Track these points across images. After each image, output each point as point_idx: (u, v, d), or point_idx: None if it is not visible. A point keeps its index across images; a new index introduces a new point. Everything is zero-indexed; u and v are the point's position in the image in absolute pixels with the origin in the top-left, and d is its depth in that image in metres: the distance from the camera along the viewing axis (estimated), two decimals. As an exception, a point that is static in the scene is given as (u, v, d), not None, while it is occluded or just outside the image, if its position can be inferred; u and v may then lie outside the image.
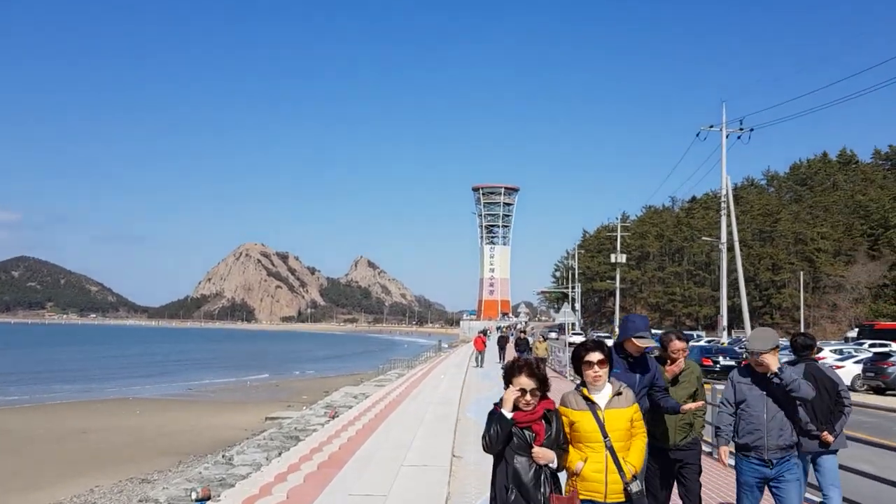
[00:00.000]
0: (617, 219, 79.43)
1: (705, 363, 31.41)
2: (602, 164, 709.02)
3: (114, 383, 53.08)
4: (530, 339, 35.57)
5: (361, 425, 13.79)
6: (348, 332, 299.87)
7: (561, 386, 26.27)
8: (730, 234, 33.36)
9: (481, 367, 33.78)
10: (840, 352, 29.16)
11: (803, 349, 7.14)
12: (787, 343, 8.93)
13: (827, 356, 27.47)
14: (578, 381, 4.56)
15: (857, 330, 48.05)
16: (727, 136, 31.86)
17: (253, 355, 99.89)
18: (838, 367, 26.27)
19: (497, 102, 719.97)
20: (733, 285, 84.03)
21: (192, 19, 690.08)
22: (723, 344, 38.85)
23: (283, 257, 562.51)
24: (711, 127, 32.48)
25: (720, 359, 32.06)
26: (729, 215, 32.81)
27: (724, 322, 35.86)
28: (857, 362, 26.74)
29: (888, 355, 25.27)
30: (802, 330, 67.93)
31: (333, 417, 21.58)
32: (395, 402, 18.21)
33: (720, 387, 16.97)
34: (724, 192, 33.51)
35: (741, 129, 32.17)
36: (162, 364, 77.11)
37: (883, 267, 73.00)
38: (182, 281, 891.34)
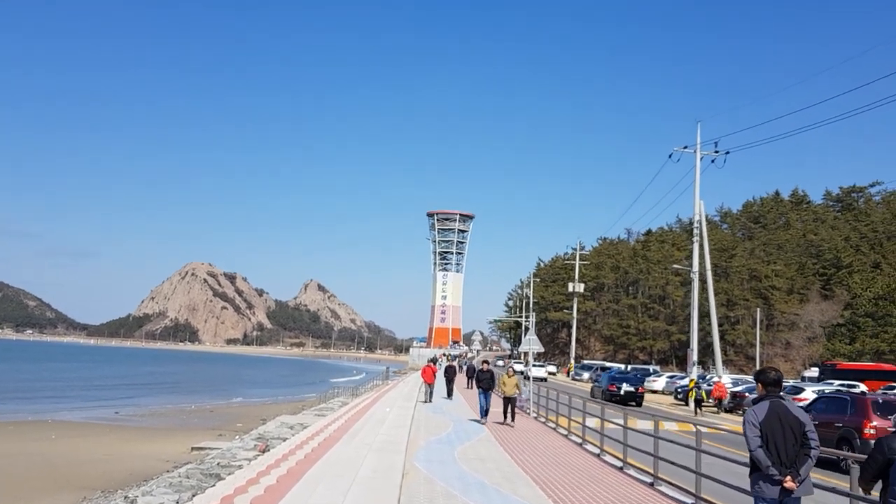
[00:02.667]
0: (574, 248, 78.26)
1: (611, 389, 35.72)
2: (558, 194, 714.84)
3: (36, 404, 49.18)
4: (496, 372, 27.06)
5: (286, 469, 11.27)
6: (295, 357, 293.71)
7: (526, 425, 22.62)
8: (702, 261, 31.59)
9: (430, 401, 29.70)
10: (820, 392, 27.31)
11: (773, 385, 6.43)
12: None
13: (810, 398, 25.79)
14: None
15: (816, 369, 46.97)
16: (701, 159, 30.39)
17: (191, 378, 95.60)
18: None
19: (454, 127, 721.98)
20: (688, 319, 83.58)
21: (145, 35, 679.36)
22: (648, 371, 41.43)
23: (231, 278, 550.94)
24: (685, 148, 30.98)
25: (623, 385, 35.89)
26: (702, 242, 31.11)
27: (695, 356, 33.82)
28: None
29: None
30: (758, 367, 67.45)
31: (263, 451, 19.09)
32: (331, 440, 15.56)
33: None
34: (696, 216, 31.80)
35: (716, 152, 30.71)
36: (92, 384, 72.69)
37: (836, 306, 72.99)
38: (124, 299, 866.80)
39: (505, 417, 21.77)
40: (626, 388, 35.70)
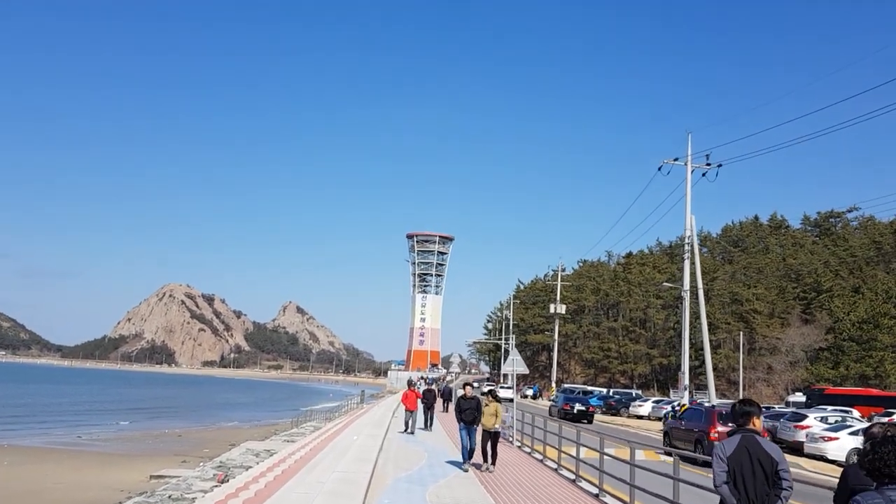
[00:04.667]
0: (555, 270, 77.18)
1: (565, 408, 40.34)
2: (537, 216, 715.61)
3: (-5, 427, 47.08)
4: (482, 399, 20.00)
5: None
6: (273, 379, 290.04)
7: (509, 456, 19.51)
8: (693, 279, 30.39)
9: (412, 432, 25.76)
10: (825, 419, 25.74)
11: (741, 417, 6.20)
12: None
13: (813, 425, 24.50)
14: None
15: (800, 394, 45.98)
16: (692, 171, 29.32)
17: (164, 400, 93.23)
18: (830, 439, 22.96)
19: (433, 149, 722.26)
20: (669, 343, 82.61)
21: (124, 49, 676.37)
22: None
23: (209, 299, 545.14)
24: (676, 160, 29.91)
25: (576, 405, 41.00)
26: (693, 258, 29.97)
27: (686, 380, 32.44)
28: (852, 433, 22.68)
29: None
30: (741, 392, 66.43)
31: (222, 482, 17.70)
32: (290, 471, 13.96)
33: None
34: (688, 231, 30.63)
35: (707, 164, 29.68)
36: (59, 407, 70.39)
37: (817, 331, 72.47)
38: (100, 320, 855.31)
39: (484, 459, 16.56)
40: (578, 407, 40.83)
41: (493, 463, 16.47)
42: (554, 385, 64.70)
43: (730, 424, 21.22)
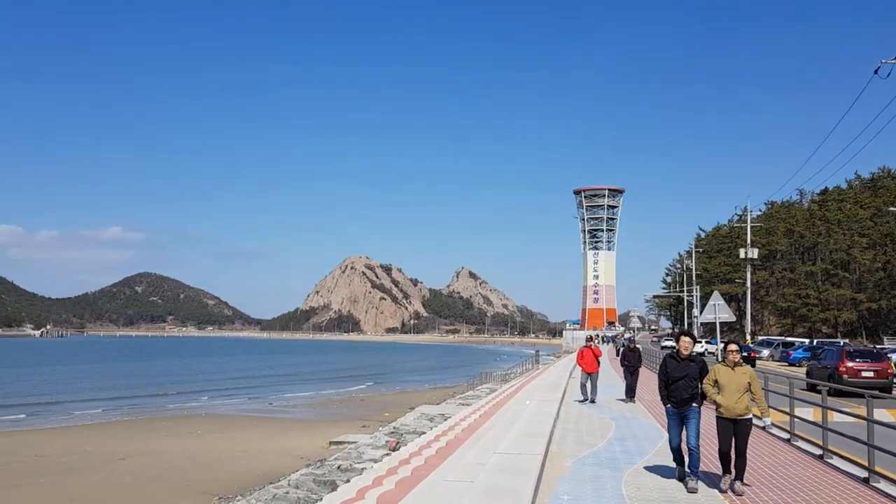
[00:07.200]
0: (744, 211, 70.61)
1: (752, 356, 45.59)
2: (713, 162, 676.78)
3: (197, 398, 50.38)
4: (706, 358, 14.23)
5: (374, 498, 8.20)
6: (451, 343, 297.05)
7: (816, 479, 9.64)
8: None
9: (593, 401, 20.67)
10: None
11: None
12: None
13: None
14: None
15: None
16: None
17: (351, 367, 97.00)
18: None
19: (598, 100, 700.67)
20: (879, 285, 73.82)
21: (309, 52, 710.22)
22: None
23: (387, 269, 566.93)
24: (897, 59, 25.01)
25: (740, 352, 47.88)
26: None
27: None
28: None
29: None
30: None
31: (394, 449, 16.61)
32: (455, 442, 12.24)
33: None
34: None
35: (940, 61, 24.56)
36: (256, 377, 74.89)
37: None
38: (293, 294, 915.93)
39: (725, 468, 9.24)
40: (741, 354, 45.65)
41: (741, 477, 9.05)
42: (749, 338, 59.07)
43: (857, 360, 25.82)
